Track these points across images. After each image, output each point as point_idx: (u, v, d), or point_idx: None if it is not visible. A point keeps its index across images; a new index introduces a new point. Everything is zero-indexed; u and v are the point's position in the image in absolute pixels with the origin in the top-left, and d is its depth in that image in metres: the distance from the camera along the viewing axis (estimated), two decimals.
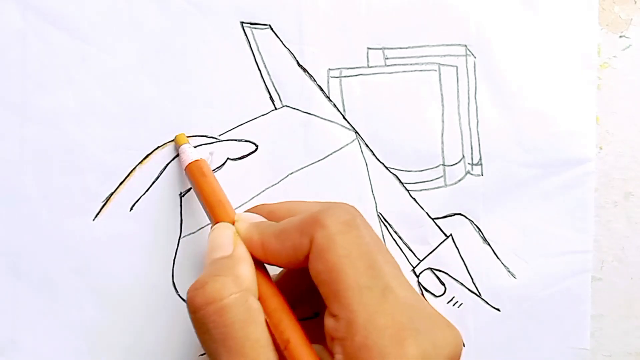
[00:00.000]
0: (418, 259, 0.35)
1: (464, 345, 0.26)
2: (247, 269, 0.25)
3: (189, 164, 0.30)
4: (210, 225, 0.28)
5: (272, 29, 0.33)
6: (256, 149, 0.33)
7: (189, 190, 0.32)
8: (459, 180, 0.35)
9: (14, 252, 0.31)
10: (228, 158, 0.33)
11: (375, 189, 0.34)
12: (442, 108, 0.35)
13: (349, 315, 0.22)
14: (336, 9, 0.34)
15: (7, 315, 0.31)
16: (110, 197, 0.31)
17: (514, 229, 0.35)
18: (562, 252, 0.36)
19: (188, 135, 0.32)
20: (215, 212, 0.28)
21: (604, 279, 0.37)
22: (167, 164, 0.32)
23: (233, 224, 0.27)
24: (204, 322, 0.23)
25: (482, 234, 0.35)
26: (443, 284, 0.35)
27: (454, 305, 0.35)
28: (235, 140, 0.33)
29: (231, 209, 0.28)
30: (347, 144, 0.34)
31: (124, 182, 0.31)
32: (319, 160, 0.33)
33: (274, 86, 0.33)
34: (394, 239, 0.34)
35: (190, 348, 0.32)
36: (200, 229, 0.32)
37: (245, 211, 0.29)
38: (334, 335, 0.22)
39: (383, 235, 0.34)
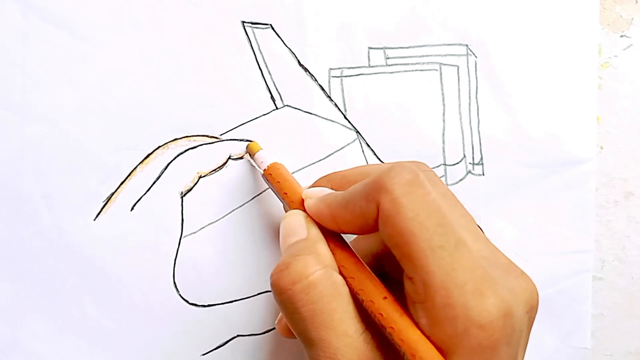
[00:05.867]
0: None
1: None
2: (324, 247, 0.25)
3: (266, 169, 0.31)
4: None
5: (273, 29, 0.33)
6: None
7: (189, 190, 0.32)
8: (460, 180, 0.35)
9: (14, 252, 0.31)
10: (229, 157, 0.32)
11: None
12: (443, 108, 0.35)
13: (425, 276, 0.21)
14: (337, 9, 0.34)
15: (7, 315, 0.31)
16: (111, 197, 0.31)
17: (515, 229, 0.35)
18: (563, 251, 0.36)
19: (189, 135, 0.32)
20: (287, 198, 0.29)
21: (605, 278, 0.37)
22: (168, 164, 0.32)
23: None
24: (292, 301, 0.23)
25: (483, 233, 0.35)
26: None
27: None
28: (237, 139, 0.33)
29: (301, 192, 0.28)
30: (348, 144, 0.34)
31: (125, 182, 0.31)
32: (320, 160, 0.33)
33: (275, 86, 0.33)
34: None
35: (191, 348, 0.32)
36: (200, 228, 0.32)
37: (313, 183, 0.30)
38: (414, 299, 0.22)
39: None
